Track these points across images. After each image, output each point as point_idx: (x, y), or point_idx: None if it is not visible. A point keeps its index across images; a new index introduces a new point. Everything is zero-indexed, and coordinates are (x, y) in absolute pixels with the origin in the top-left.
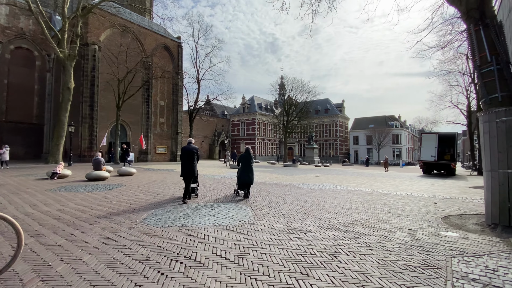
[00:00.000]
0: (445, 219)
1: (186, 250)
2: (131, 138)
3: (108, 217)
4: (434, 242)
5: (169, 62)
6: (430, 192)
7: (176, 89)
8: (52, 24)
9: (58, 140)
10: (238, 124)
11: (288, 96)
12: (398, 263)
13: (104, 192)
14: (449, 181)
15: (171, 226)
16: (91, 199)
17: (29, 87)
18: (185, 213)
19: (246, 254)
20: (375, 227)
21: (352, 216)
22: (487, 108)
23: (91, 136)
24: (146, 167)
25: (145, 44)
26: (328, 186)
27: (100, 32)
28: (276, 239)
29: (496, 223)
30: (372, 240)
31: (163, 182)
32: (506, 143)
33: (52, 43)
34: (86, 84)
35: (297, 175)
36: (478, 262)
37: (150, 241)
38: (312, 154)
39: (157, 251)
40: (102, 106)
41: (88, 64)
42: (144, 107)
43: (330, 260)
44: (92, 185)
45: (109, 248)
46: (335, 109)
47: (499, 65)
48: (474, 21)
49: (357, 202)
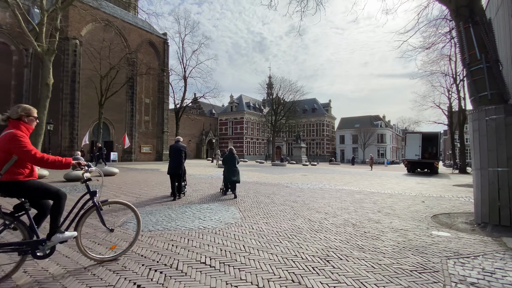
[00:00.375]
0: (435, 218)
1: (167, 258)
2: (115, 137)
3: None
4: (427, 243)
5: (154, 58)
6: (417, 191)
7: (162, 86)
8: (31, 17)
9: (36, 139)
10: (226, 123)
11: (276, 95)
12: (393, 267)
13: (82, 193)
14: (433, 179)
15: (152, 230)
16: (68, 201)
17: (5, 83)
18: (168, 215)
19: (232, 261)
20: (366, 228)
21: (342, 216)
22: (477, 106)
23: (71, 134)
24: (129, 167)
25: (129, 40)
26: (317, 185)
27: (82, 26)
28: (265, 242)
29: (486, 222)
30: (365, 242)
31: (147, 183)
32: (496, 141)
33: (30, 36)
34: (66, 80)
35: (286, 174)
36: (474, 264)
37: None
38: (300, 153)
39: (134, 259)
40: (84, 104)
41: (69, 60)
42: (128, 104)
43: (323, 265)
44: (71, 186)
45: (80, 256)
46: (322, 108)
47: (488, 63)
48: (464, 19)
49: (346, 201)
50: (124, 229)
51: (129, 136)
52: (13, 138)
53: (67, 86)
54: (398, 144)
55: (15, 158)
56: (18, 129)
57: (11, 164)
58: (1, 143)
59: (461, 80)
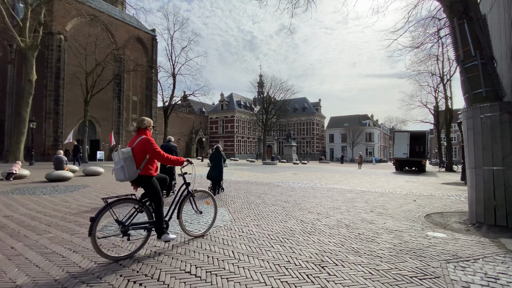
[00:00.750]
0: (428, 218)
1: (149, 267)
2: (101, 135)
3: (61, 225)
4: (424, 245)
5: (142, 55)
6: (407, 189)
7: (150, 83)
8: (15, 12)
9: (19, 137)
10: (216, 122)
11: (267, 94)
12: (392, 273)
13: (64, 194)
14: (422, 177)
15: (134, 235)
16: (46, 202)
17: None
18: None
19: (220, 269)
20: (360, 229)
21: (335, 217)
22: (471, 103)
23: (56, 133)
24: None
25: (116, 36)
26: (308, 184)
27: (66, 21)
28: (256, 247)
29: (481, 221)
30: (360, 245)
31: None
32: (491, 139)
33: (13, 31)
34: (50, 76)
35: (276, 173)
36: (475, 268)
37: None
38: (291, 152)
39: (112, 269)
40: (69, 101)
41: (53, 55)
42: (115, 102)
43: (318, 272)
44: (52, 186)
45: (52, 266)
46: (312, 108)
47: (483, 59)
48: (458, 15)
49: (338, 200)
50: (207, 212)
51: (116, 134)
52: (148, 142)
53: (51, 83)
54: (386, 143)
55: (148, 157)
56: (148, 136)
57: (145, 162)
58: (140, 146)
59: (448, 80)
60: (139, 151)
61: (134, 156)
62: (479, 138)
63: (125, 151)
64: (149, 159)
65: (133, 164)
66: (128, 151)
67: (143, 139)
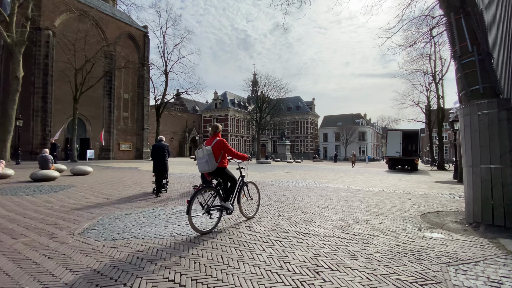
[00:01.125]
0: (424, 217)
1: (128, 275)
2: (91, 134)
3: (40, 228)
4: (422, 247)
5: (134, 52)
6: (401, 188)
7: (142, 81)
8: (3, 8)
9: (5, 136)
10: (210, 120)
11: (261, 93)
12: (391, 278)
13: (48, 195)
14: (414, 176)
15: (116, 239)
16: (28, 204)
17: None
18: (138, 220)
19: (207, 277)
20: (356, 230)
21: (329, 217)
22: (468, 100)
23: (44, 131)
24: (106, 165)
25: (106, 32)
26: (302, 182)
27: (55, 16)
28: (247, 251)
29: (478, 221)
30: (356, 247)
31: (122, 183)
32: (488, 137)
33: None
34: (38, 73)
35: (270, 171)
36: (477, 271)
37: (82, 262)
38: (285, 151)
39: (88, 278)
40: (58, 98)
41: (41, 51)
42: (106, 100)
43: (312, 278)
44: (36, 186)
45: (23, 274)
46: (306, 106)
47: (480, 55)
48: (455, 9)
49: (332, 200)
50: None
51: (107, 133)
52: (223, 142)
53: (39, 80)
54: (378, 141)
55: (222, 154)
56: (220, 137)
57: (220, 157)
58: (217, 146)
59: (440, 79)
60: (217, 149)
61: (213, 153)
62: (476, 135)
63: (208, 148)
64: (223, 155)
65: (213, 159)
66: (209, 149)
67: (219, 140)
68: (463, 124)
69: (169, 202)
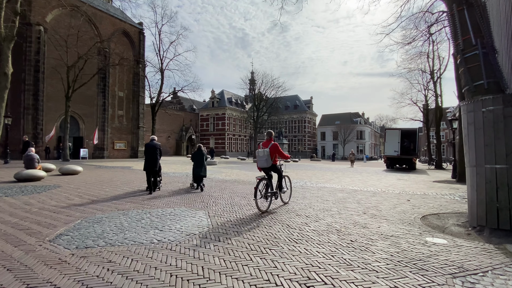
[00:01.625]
0: (424, 220)
1: None
2: (85, 132)
3: (9, 234)
4: (424, 254)
5: (129, 49)
6: (399, 188)
7: (137, 79)
8: None
9: None
10: (207, 119)
11: (258, 91)
12: None
13: (29, 196)
14: (413, 175)
15: (89, 246)
16: (6, 206)
17: None
18: (119, 224)
19: None
20: (353, 235)
21: (325, 220)
22: (471, 96)
23: (35, 129)
24: (99, 164)
25: (100, 28)
26: (298, 182)
27: (47, 11)
28: (232, 261)
29: (482, 225)
30: (352, 255)
31: (111, 182)
32: (493, 135)
33: None
34: (28, 70)
35: None
36: (485, 283)
37: (44, 276)
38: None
39: None
40: (49, 96)
41: (32, 47)
42: (100, 98)
43: None
44: (19, 187)
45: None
46: (304, 105)
47: (484, 48)
48: (457, 1)
49: (329, 201)
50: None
51: (101, 131)
52: (277, 146)
53: (30, 77)
54: (376, 140)
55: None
56: (273, 141)
57: (274, 157)
58: (272, 148)
59: (438, 78)
60: (272, 151)
61: (270, 153)
62: (481, 133)
63: (267, 150)
64: (276, 155)
65: (269, 158)
66: (267, 151)
67: (274, 144)
68: (466, 122)
69: (156, 204)
